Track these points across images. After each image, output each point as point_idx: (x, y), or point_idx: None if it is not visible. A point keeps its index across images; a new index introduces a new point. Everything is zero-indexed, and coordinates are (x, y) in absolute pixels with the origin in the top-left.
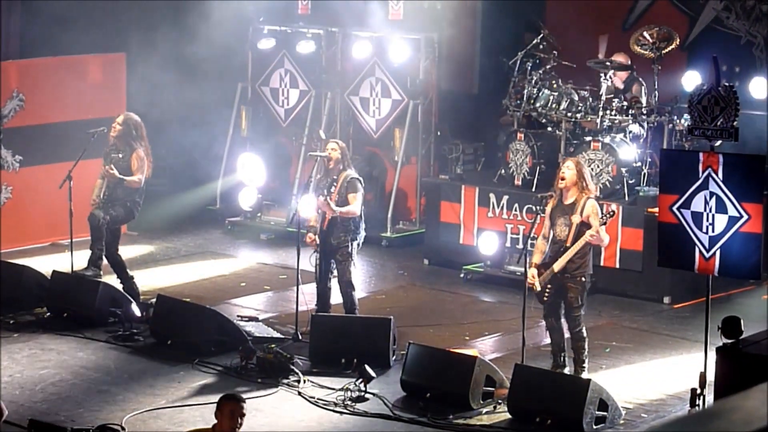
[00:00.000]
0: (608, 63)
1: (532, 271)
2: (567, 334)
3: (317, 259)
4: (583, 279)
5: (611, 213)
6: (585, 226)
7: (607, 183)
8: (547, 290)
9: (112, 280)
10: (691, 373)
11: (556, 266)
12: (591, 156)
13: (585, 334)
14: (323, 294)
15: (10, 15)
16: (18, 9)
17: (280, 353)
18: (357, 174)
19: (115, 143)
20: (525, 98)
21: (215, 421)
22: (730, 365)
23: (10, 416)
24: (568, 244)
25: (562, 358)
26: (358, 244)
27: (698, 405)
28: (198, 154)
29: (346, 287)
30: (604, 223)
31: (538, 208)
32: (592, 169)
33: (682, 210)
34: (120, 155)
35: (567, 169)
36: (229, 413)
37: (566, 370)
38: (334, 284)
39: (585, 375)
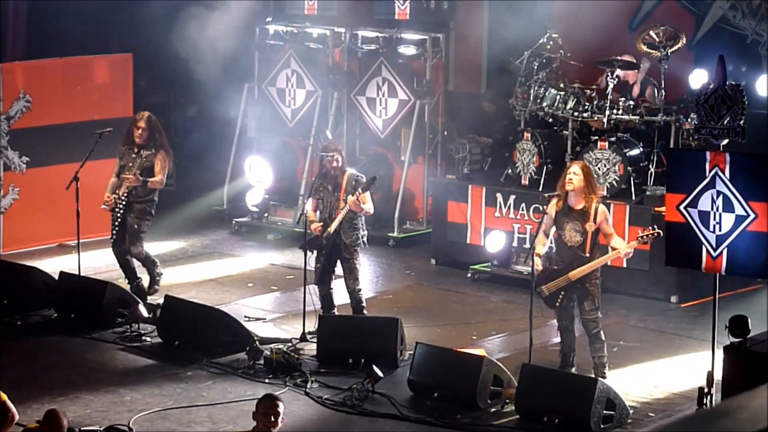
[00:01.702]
0: (615, 62)
1: (537, 260)
2: (578, 334)
3: (321, 260)
4: (598, 281)
5: (656, 233)
6: (597, 231)
7: (614, 182)
8: (560, 296)
9: (121, 281)
10: (699, 372)
11: (573, 275)
12: (598, 155)
13: (603, 337)
14: (326, 297)
15: (17, 16)
16: (25, 10)
17: (287, 353)
18: (359, 173)
19: (137, 143)
20: (531, 98)
21: (254, 423)
22: (738, 364)
23: (18, 419)
24: (587, 254)
25: (571, 358)
26: (364, 243)
27: (706, 404)
28: (205, 154)
29: (354, 284)
30: (645, 242)
31: (544, 207)
32: (599, 168)
33: (689, 209)
34: (143, 154)
35: (574, 175)
36: (263, 412)
37: (573, 370)
38: (335, 285)
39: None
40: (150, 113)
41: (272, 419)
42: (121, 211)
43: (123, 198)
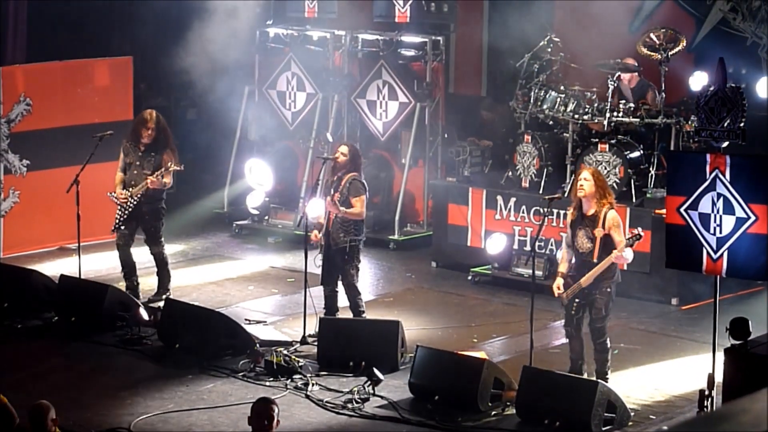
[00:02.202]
0: (615, 64)
1: (558, 281)
2: (585, 341)
3: (322, 260)
4: (609, 289)
5: (638, 236)
6: (608, 238)
7: (614, 185)
8: (575, 304)
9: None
10: (700, 374)
11: (584, 282)
12: (598, 158)
13: (609, 345)
14: (330, 298)
15: (18, 19)
16: (25, 13)
17: (288, 356)
18: (361, 177)
19: (145, 142)
20: (532, 100)
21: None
22: (739, 366)
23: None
24: (594, 260)
25: (579, 365)
26: (359, 248)
27: (706, 407)
28: (205, 157)
29: (349, 290)
30: (631, 245)
31: (545, 210)
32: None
33: (689, 211)
34: (153, 154)
35: (585, 181)
36: (257, 415)
37: (584, 377)
38: (340, 287)
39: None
40: (158, 112)
41: (266, 423)
42: (131, 209)
43: (136, 198)
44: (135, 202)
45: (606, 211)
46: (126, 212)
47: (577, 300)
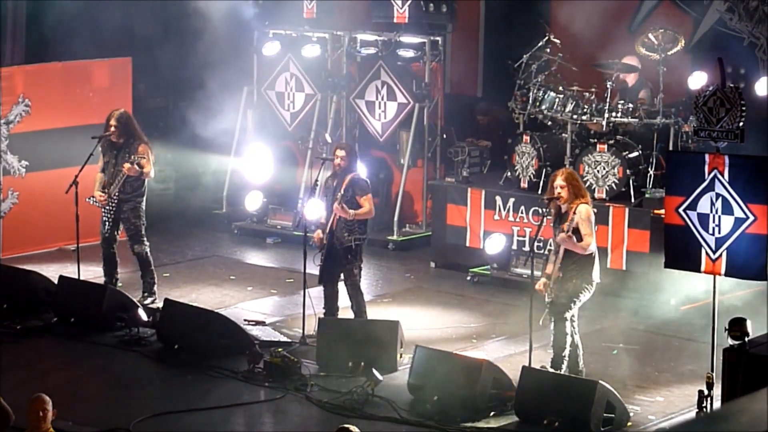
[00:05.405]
0: (614, 65)
1: (542, 279)
2: (579, 335)
3: (321, 260)
4: (576, 281)
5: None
6: (576, 232)
7: (613, 185)
8: (550, 301)
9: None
10: (698, 374)
11: (552, 276)
12: (597, 158)
13: (567, 331)
14: (330, 297)
15: (16, 20)
16: (23, 14)
17: (287, 357)
18: (362, 175)
19: (114, 141)
20: (530, 101)
21: None
22: (738, 366)
23: (17, 422)
24: (560, 254)
25: (576, 361)
26: (362, 247)
27: (705, 407)
28: (204, 157)
29: (352, 290)
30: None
31: (544, 210)
32: (598, 170)
33: (688, 211)
34: (127, 150)
35: (561, 188)
36: None
37: (582, 372)
38: (341, 287)
39: (563, 370)
40: (122, 111)
41: None
42: (114, 208)
43: (115, 197)
44: (116, 200)
45: (577, 207)
46: (110, 213)
47: (551, 297)
